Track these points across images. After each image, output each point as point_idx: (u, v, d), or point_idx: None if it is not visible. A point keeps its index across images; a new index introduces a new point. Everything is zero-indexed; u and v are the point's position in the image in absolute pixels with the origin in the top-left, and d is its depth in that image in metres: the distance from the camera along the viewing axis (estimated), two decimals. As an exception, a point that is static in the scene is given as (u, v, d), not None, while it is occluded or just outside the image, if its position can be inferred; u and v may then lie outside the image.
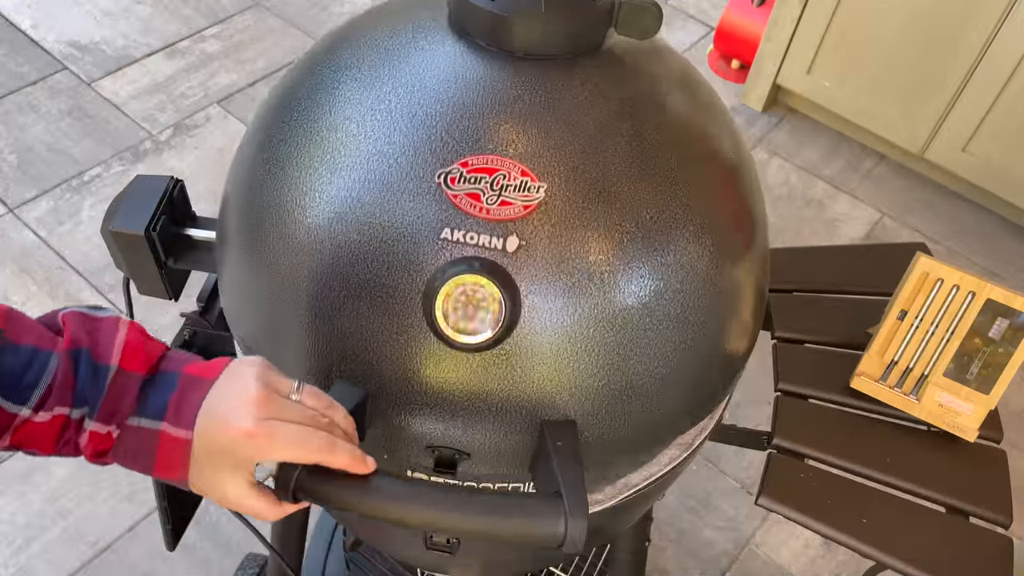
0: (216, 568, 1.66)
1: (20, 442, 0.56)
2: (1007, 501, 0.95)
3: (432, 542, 0.82)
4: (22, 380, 0.54)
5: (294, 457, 0.58)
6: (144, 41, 2.73)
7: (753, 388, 2.04)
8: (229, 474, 0.57)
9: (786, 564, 1.76)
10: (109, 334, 0.58)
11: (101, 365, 0.57)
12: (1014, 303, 0.93)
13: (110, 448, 0.58)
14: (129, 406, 0.57)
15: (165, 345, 0.62)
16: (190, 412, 0.57)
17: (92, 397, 0.56)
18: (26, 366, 0.55)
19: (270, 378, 0.59)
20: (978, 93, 2.17)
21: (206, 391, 0.58)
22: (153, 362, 0.59)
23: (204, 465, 0.57)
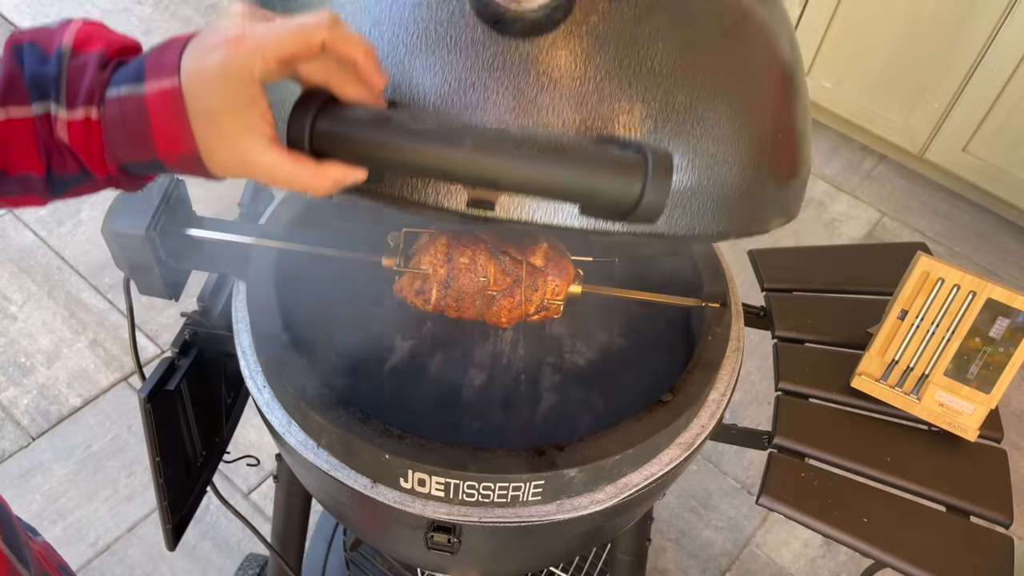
0: (216, 568, 1.66)
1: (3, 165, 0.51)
2: (1007, 501, 0.95)
3: (432, 542, 0.82)
4: None
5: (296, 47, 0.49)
6: (145, 41, 2.72)
7: (753, 388, 2.04)
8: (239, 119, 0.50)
9: (786, 564, 1.76)
10: (59, 29, 0.52)
11: (51, 52, 0.51)
12: (1014, 302, 0.93)
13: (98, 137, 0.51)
14: (99, 81, 0.50)
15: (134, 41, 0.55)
16: (170, 58, 0.50)
17: (50, 84, 0.50)
18: None
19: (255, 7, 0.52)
20: (978, 94, 2.17)
21: (186, 40, 0.51)
22: (118, 46, 0.53)
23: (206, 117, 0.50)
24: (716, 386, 0.89)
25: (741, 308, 1.00)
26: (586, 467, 0.77)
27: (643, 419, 0.81)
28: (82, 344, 1.98)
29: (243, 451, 1.80)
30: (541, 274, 0.87)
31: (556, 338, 1.22)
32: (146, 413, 0.89)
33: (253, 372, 0.87)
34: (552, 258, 0.87)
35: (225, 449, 1.12)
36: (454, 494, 0.78)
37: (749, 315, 1.09)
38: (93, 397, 1.89)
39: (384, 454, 0.76)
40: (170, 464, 0.97)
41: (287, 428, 0.83)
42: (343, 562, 1.43)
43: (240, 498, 1.76)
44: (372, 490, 0.79)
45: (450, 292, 0.89)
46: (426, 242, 0.88)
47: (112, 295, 2.08)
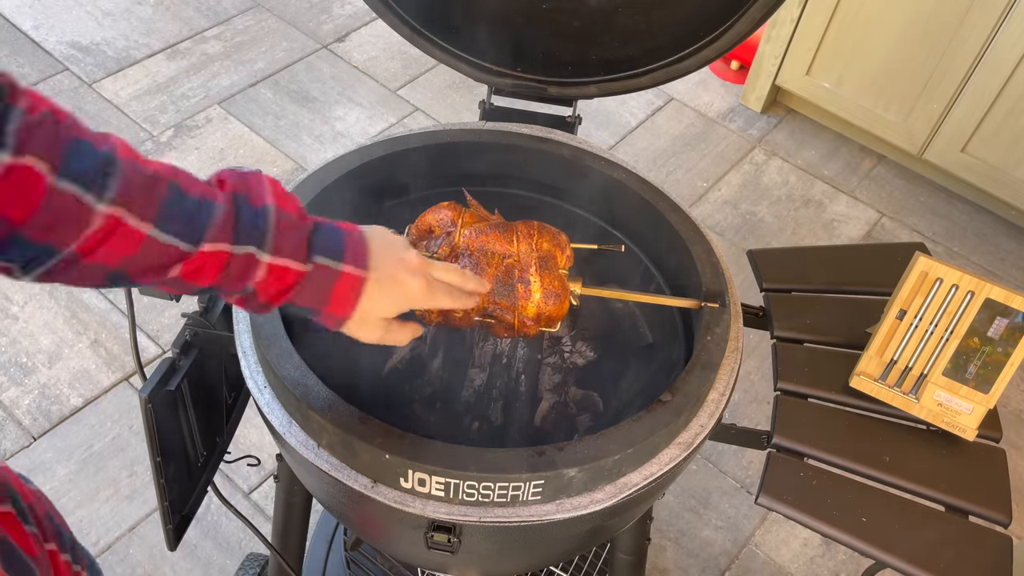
0: (217, 568, 1.67)
1: (186, 274, 0.62)
2: (1006, 500, 0.95)
3: (432, 541, 0.82)
4: (194, 223, 0.61)
5: (446, 306, 0.78)
6: (145, 42, 2.73)
7: (753, 388, 2.04)
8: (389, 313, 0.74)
9: (785, 563, 1.76)
10: (257, 182, 0.67)
11: (260, 207, 0.65)
12: (1013, 302, 0.94)
13: (295, 283, 0.67)
14: (300, 242, 0.67)
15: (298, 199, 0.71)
16: (364, 255, 0.71)
17: (258, 234, 0.64)
18: (198, 210, 0.61)
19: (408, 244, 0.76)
20: (977, 94, 2.18)
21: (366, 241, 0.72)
22: (300, 208, 0.69)
23: (371, 307, 0.71)
24: (715, 386, 0.89)
25: (740, 308, 1.00)
26: (586, 467, 0.77)
27: (642, 419, 0.81)
28: (83, 344, 1.98)
29: (244, 451, 1.81)
30: (534, 323, 0.88)
31: (556, 338, 1.22)
32: (147, 413, 0.90)
33: (254, 372, 0.88)
34: (547, 300, 0.86)
35: (226, 449, 1.12)
36: (454, 494, 0.78)
37: (748, 315, 1.10)
38: (94, 397, 1.89)
39: (384, 454, 0.76)
40: (171, 464, 0.97)
41: (287, 428, 0.83)
42: (343, 562, 1.43)
43: (241, 498, 1.76)
44: (372, 490, 0.80)
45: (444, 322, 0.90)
46: None
47: (113, 295, 2.08)
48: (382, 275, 0.71)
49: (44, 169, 0.52)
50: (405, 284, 0.73)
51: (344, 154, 1.04)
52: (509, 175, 1.14)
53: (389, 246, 0.73)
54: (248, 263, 0.64)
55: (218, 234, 0.62)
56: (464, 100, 2.66)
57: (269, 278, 0.66)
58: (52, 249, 0.55)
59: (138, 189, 0.57)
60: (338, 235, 0.70)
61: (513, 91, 1.19)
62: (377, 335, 0.75)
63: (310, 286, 0.68)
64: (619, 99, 2.73)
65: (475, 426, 1.12)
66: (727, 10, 1.00)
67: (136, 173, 0.58)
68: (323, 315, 0.71)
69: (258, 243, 0.64)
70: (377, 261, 0.71)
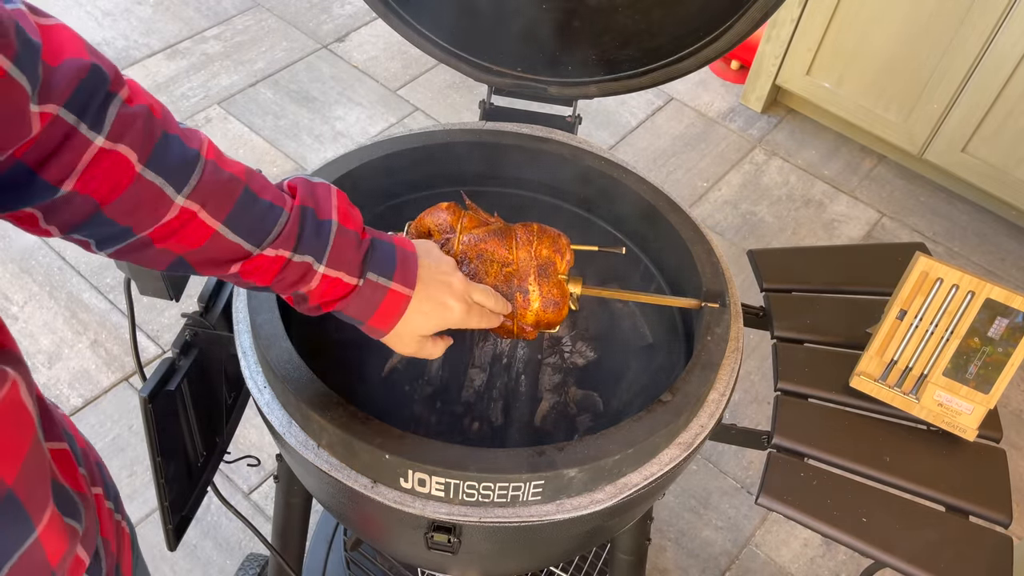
0: (217, 568, 1.67)
1: (244, 272, 0.66)
2: (1007, 500, 0.95)
3: (432, 542, 0.82)
4: (261, 227, 0.65)
5: (478, 327, 0.81)
6: (145, 42, 2.73)
7: (753, 388, 2.04)
8: (427, 331, 0.77)
9: (785, 563, 1.76)
10: (326, 196, 0.70)
11: (324, 221, 0.69)
12: (1013, 302, 0.94)
13: (345, 295, 0.71)
14: (356, 257, 0.70)
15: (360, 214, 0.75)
16: (412, 274, 0.74)
17: (318, 246, 0.68)
18: (266, 215, 0.65)
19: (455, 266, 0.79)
20: (977, 94, 2.17)
21: (416, 260, 0.75)
22: (359, 225, 0.73)
23: (412, 324, 0.75)
24: (715, 386, 0.89)
25: (740, 308, 1.00)
26: (586, 467, 0.77)
27: (643, 419, 0.81)
28: (83, 344, 1.98)
29: (244, 451, 1.81)
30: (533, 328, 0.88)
31: (556, 338, 1.22)
32: (147, 413, 0.89)
33: (254, 372, 0.88)
34: (546, 308, 0.86)
35: (226, 449, 1.12)
36: (454, 494, 0.78)
37: (748, 315, 1.10)
38: (94, 397, 1.89)
39: (384, 454, 0.76)
40: (171, 464, 0.97)
41: (287, 428, 0.83)
42: (343, 562, 1.43)
43: (241, 498, 1.76)
44: (372, 490, 0.79)
45: None
46: None
47: (113, 295, 2.08)
48: (427, 296, 0.75)
49: (134, 158, 0.56)
50: (448, 307, 0.76)
51: (344, 154, 1.04)
52: (509, 175, 1.14)
53: (437, 267, 0.77)
54: (305, 271, 0.68)
55: (281, 241, 0.66)
56: (464, 100, 2.66)
57: (322, 287, 0.70)
58: (129, 232, 0.59)
59: (215, 188, 0.62)
60: (391, 253, 0.73)
61: (513, 91, 1.19)
62: (413, 349, 0.78)
63: (359, 299, 0.72)
64: (619, 99, 2.73)
65: (475, 426, 1.12)
66: (727, 10, 1.00)
67: (216, 172, 0.62)
68: (366, 326, 0.74)
69: (317, 254, 0.68)
70: (424, 282, 0.75)
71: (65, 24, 0.54)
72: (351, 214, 0.72)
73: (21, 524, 0.48)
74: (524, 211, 1.13)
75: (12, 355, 0.49)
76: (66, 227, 0.58)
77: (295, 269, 0.68)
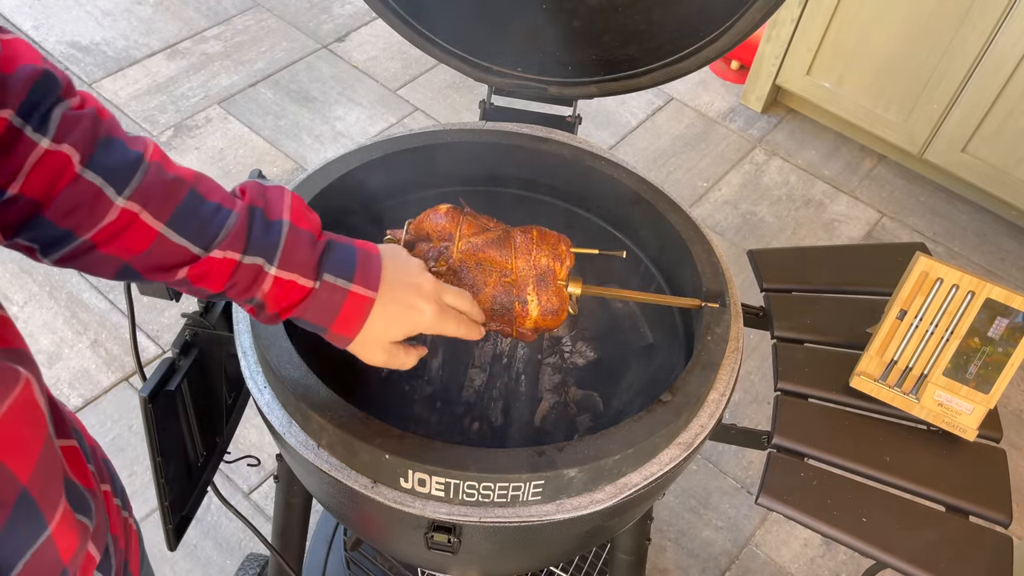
0: (217, 568, 1.67)
1: (194, 277, 0.64)
2: (1007, 500, 0.95)
3: (432, 542, 0.82)
4: (207, 228, 0.63)
5: (452, 334, 0.77)
6: (145, 42, 2.73)
7: (753, 388, 2.04)
8: (392, 340, 0.73)
9: (786, 564, 1.76)
10: (278, 197, 0.68)
11: (274, 221, 0.67)
12: (1013, 302, 0.94)
13: (302, 299, 0.68)
14: (310, 258, 0.68)
15: (319, 218, 0.72)
16: (375, 276, 0.71)
17: (268, 247, 0.66)
18: (213, 217, 0.63)
19: (424, 268, 0.76)
20: (977, 94, 2.17)
21: (380, 262, 0.72)
22: (316, 227, 0.70)
23: (377, 329, 0.71)
24: (715, 386, 0.89)
25: (740, 308, 1.00)
26: (586, 467, 0.77)
27: (643, 419, 0.81)
28: (83, 344, 1.98)
29: (244, 451, 1.81)
30: (532, 332, 0.88)
31: (556, 338, 1.22)
32: (147, 413, 0.89)
33: (254, 372, 0.88)
34: (544, 316, 0.86)
35: (226, 449, 1.12)
36: (454, 494, 0.78)
37: (748, 315, 1.10)
38: (94, 397, 1.89)
39: (384, 454, 0.76)
40: (171, 464, 0.97)
41: (287, 428, 0.83)
42: (343, 562, 1.43)
43: (241, 498, 1.76)
44: (372, 490, 0.79)
45: None
46: None
47: (113, 295, 2.08)
48: (392, 298, 0.72)
49: (76, 158, 0.56)
50: (416, 309, 0.73)
51: (344, 154, 1.04)
52: (509, 175, 1.14)
53: (403, 268, 0.74)
54: (256, 274, 0.66)
55: (229, 242, 0.64)
56: (464, 100, 2.66)
57: (276, 291, 0.67)
58: (71, 235, 0.58)
59: (157, 189, 0.61)
60: (351, 254, 0.70)
61: (513, 91, 1.19)
62: (382, 358, 0.74)
63: (317, 303, 0.69)
64: (619, 99, 2.73)
65: (475, 426, 1.12)
66: (727, 10, 1.00)
67: (160, 173, 0.61)
68: (329, 333, 0.71)
69: (267, 255, 0.66)
70: (389, 284, 0.72)
71: (24, 40, 0.55)
72: (306, 215, 0.69)
73: (34, 522, 0.48)
74: (524, 211, 1.13)
75: (23, 354, 0.50)
76: (8, 232, 0.58)
77: (246, 272, 0.65)
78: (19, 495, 0.46)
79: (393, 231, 0.89)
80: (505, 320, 0.87)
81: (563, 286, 0.86)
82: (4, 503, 0.46)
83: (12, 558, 0.47)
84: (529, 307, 0.85)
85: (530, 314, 0.86)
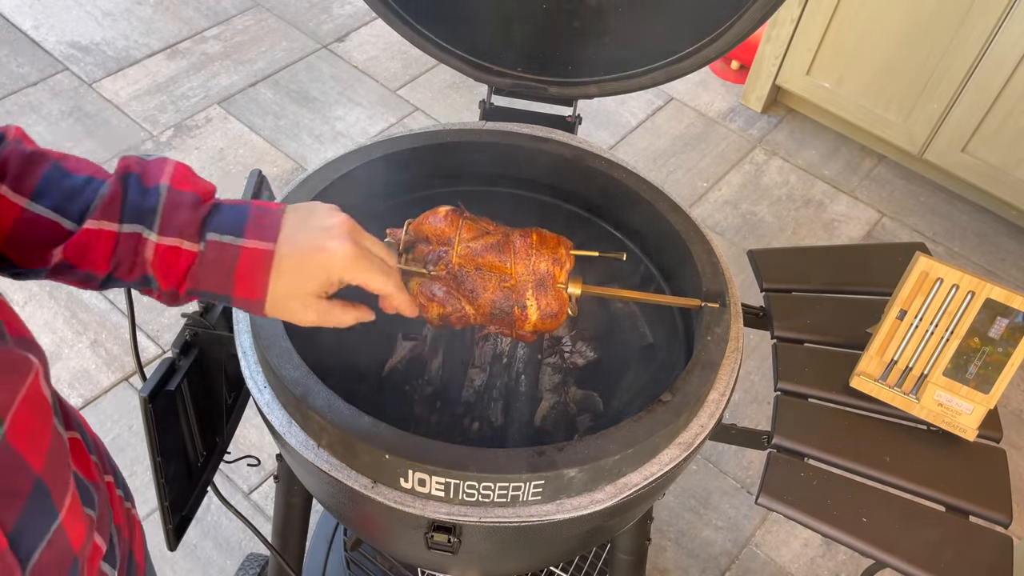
0: (217, 568, 1.67)
1: (72, 255, 0.59)
2: (1007, 500, 0.95)
3: (432, 542, 0.82)
4: (77, 200, 0.60)
5: (378, 286, 0.67)
6: (145, 42, 2.73)
7: (753, 388, 2.04)
8: (311, 293, 0.64)
9: (786, 564, 1.76)
10: (158, 164, 0.64)
11: (152, 187, 0.62)
12: (1013, 302, 0.94)
13: (189, 266, 0.62)
14: (193, 220, 0.62)
15: (214, 186, 0.67)
16: (272, 228, 0.63)
17: (146, 213, 0.61)
18: (83, 189, 0.60)
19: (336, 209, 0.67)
20: (977, 94, 2.17)
21: (281, 213, 0.65)
22: (204, 190, 0.64)
23: (288, 283, 0.64)
24: (715, 386, 0.89)
25: (740, 308, 1.00)
26: (586, 467, 0.77)
27: (643, 419, 0.81)
28: (83, 344, 1.98)
29: (244, 451, 1.81)
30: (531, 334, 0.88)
31: (556, 338, 1.22)
32: (147, 413, 0.89)
33: (254, 372, 0.88)
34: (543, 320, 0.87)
35: (226, 449, 1.12)
36: (454, 494, 0.78)
37: (748, 315, 1.10)
38: (94, 397, 1.89)
39: (384, 454, 0.76)
40: (171, 464, 0.97)
41: (287, 428, 0.83)
42: (343, 562, 1.43)
43: (241, 498, 1.76)
44: (372, 490, 0.79)
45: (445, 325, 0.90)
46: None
47: (113, 295, 2.08)
48: (296, 246, 0.64)
49: None
50: (327, 251, 0.64)
51: (344, 154, 1.04)
52: (509, 175, 1.14)
53: (309, 213, 0.66)
54: (136, 244, 0.61)
55: (103, 211, 0.60)
56: (464, 100, 2.66)
57: (161, 261, 0.61)
58: None
59: (17, 163, 0.58)
60: (243, 212, 0.64)
61: (513, 91, 1.19)
62: (311, 317, 0.67)
63: (207, 267, 0.62)
64: (619, 99, 2.73)
65: (475, 426, 1.12)
66: (727, 10, 1.00)
67: (19, 151, 0.59)
68: (235, 300, 0.64)
69: (146, 222, 0.61)
70: (292, 232, 0.64)
71: None
72: (191, 180, 0.64)
73: (48, 511, 0.49)
74: (524, 211, 1.13)
75: (31, 342, 0.50)
76: None
77: (126, 244, 0.60)
78: (34, 484, 0.47)
79: (393, 231, 0.89)
80: (505, 323, 0.87)
81: (562, 289, 0.86)
82: (20, 493, 0.46)
83: (30, 548, 0.47)
84: (528, 311, 0.85)
85: (529, 318, 0.86)
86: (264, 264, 0.63)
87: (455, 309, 0.87)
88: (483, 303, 0.85)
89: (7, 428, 0.44)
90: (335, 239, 0.64)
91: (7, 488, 0.45)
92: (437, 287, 0.86)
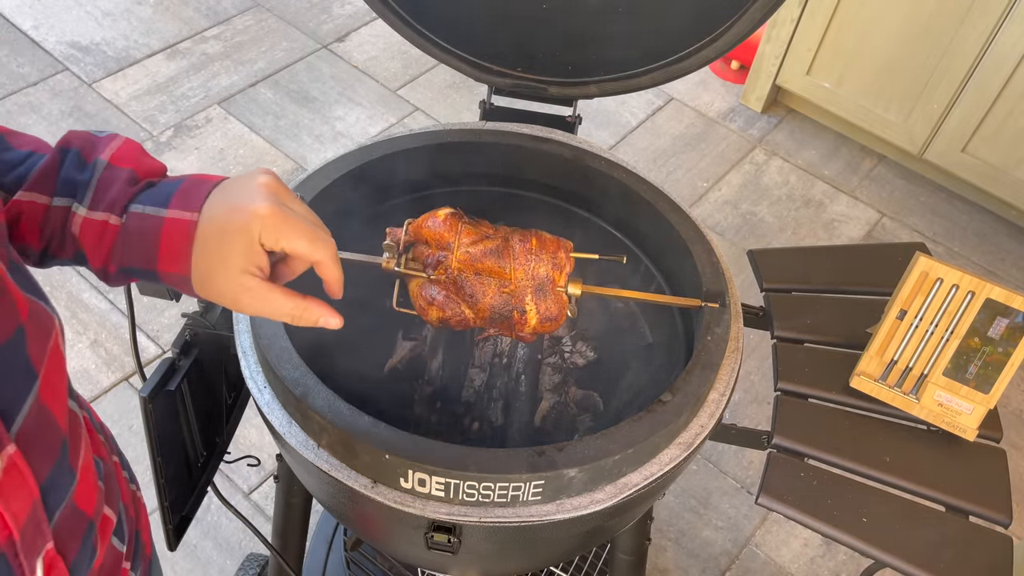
0: (217, 568, 1.67)
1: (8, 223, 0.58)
2: (1007, 500, 0.95)
3: (432, 542, 0.82)
4: (13, 174, 0.59)
5: (302, 249, 0.58)
6: (145, 42, 2.73)
7: (753, 388, 2.04)
8: (238, 268, 0.57)
9: (786, 564, 1.76)
10: (105, 141, 0.62)
11: (89, 162, 0.60)
12: (1013, 302, 0.94)
13: (114, 240, 0.58)
14: (124, 195, 0.59)
15: (164, 166, 0.64)
16: (197, 197, 0.58)
17: (78, 187, 0.59)
18: (22, 161, 0.59)
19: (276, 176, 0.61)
20: (977, 94, 2.17)
21: (212, 185, 0.60)
22: (148, 168, 0.61)
23: (211, 254, 0.57)
24: (715, 386, 0.89)
25: (740, 308, 1.00)
26: (586, 467, 0.77)
27: (643, 419, 0.81)
28: (83, 344, 1.98)
29: (244, 451, 1.81)
30: (531, 336, 0.89)
31: (556, 338, 1.22)
32: (147, 413, 0.90)
33: (254, 372, 0.88)
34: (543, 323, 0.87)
35: (226, 449, 1.12)
36: (454, 494, 0.78)
37: (748, 315, 1.10)
38: (94, 397, 1.89)
39: (384, 454, 0.76)
40: (171, 464, 0.97)
41: (287, 428, 0.83)
42: (343, 562, 1.43)
43: (241, 498, 1.76)
44: (372, 490, 0.79)
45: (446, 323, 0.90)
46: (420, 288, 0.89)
47: (113, 296, 2.08)
48: (218, 212, 0.57)
49: None
50: (244, 210, 0.57)
51: (344, 154, 1.04)
52: (509, 175, 1.14)
53: (240, 182, 0.60)
54: (64, 217, 0.59)
55: (35, 184, 0.58)
56: (464, 100, 2.66)
57: (90, 236, 0.59)
58: None
59: None
60: (174, 185, 0.60)
61: (513, 91, 1.19)
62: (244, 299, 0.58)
63: (129, 239, 0.58)
64: (619, 99, 2.73)
65: (475, 426, 1.12)
66: (727, 10, 1.00)
67: None
68: (161, 275, 0.59)
69: (78, 196, 0.59)
70: (216, 199, 0.58)
71: None
72: (135, 158, 0.61)
73: (69, 471, 0.50)
74: (524, 211, 1.13)
75: (47, 301, 0.50)
76: None
77: (56, 217, 0.58)
78: (62, 443, 0.47)
79: (393, 230, 0.89)
80: (504, 326, 0.87)
81: (562, 292, 0.86)
82: (52, 449, 0.47)
83: (55, 505, 0.48)
84: (528, 315, 0.86)
85: (529, 322, 0.86)
86: (186, 234, 0.57)
87: (454, 313, 0.87)
88: (482, 307, 0.85)
89: (40, 382, 0.45)
90: (255, 199, 0.57)
91: (44, 442, 0.46)
92: (436, 291, 0.86)
